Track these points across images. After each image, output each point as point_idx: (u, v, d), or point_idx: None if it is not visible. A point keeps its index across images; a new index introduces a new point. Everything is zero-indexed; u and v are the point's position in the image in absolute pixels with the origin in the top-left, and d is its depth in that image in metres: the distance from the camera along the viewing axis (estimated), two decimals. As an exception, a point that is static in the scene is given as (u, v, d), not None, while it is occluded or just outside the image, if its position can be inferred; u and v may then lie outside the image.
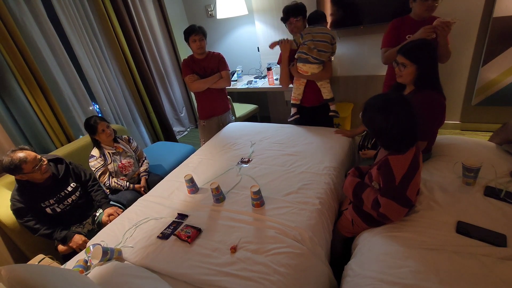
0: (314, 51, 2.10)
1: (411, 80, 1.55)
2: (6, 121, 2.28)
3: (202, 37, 2.44)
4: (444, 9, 2.57)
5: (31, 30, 2.42)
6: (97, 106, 3.06)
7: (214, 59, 2.59)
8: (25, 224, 1.76)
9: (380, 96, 1.26)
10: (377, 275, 1.14)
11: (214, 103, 2.72)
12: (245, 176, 1.90)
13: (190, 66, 2.55)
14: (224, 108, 2.82)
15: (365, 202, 1.34)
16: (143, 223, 1.67)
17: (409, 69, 1.50)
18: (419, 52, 1.48)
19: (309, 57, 2.13)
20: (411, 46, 1.52)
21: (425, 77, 1.50)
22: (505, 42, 2.43)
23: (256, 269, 1.24)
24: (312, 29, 2.13)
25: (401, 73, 1.55)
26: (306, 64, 2.15)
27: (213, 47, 3.95)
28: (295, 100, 2.37)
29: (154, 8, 3.47)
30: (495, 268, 1.06)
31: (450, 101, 2.90)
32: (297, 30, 2.18)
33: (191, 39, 2.43)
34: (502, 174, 1.48)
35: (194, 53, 2.54)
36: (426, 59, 1.48)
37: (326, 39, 2.11)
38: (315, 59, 2.12)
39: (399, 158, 1.22)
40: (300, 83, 2.29)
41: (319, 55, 2.11)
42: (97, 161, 2.13)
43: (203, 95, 2.64)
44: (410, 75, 1.52)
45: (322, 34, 2.11)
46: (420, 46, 1.50)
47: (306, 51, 2.12)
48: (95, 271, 1.32)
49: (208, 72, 2.57)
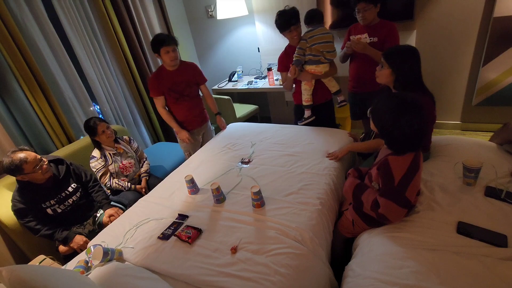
0: (324, 52, 2.15)
1: (386, 82, 1.60)
2: (7, 122, 2.28)
3: (175, 47, 2.20)
4: (445, 9, 2.58)
5: (31, 31, 2.42)
6: (97, 106, 3.06)
7: (188, 71, 2.38)
8: (26, 224, 1.76)
9: (395, 96, 1.25)
10: (378, 276, 1.14)
11: (189, 116, 2.51)
12: (246, 176, 1.90)
13: (160, 83, 2.30)
14: (201, 119, 2.62)
15: (365, 204, 1.34)
16: (144, 223, 1.67)
17: (385, 70, 1.57)
18: (396, 58, 1.53)
19: (321, 58, 2.16)
20: (392, 50, 1.57)
21: (403, 82, 1.54)
22: (506, 42, 2.42)
23: (256, 270, 1.24)
24: (315, 32, 2.14)
25: (378, 74, 1.62)
26: (320, 64, 2.19)
27: (213, 48, 3.95)
28: (308, 101, 2.33)
29: (154, 9, 3.47)
30: (496, 269, 1.06)
31: (450, 102, 2.91)
32: (298, 37, 2.18)
33: (162, 50, 2.16)
34: (502, 174, 1.48)
35: (166, 65, 2.28)
36: (403, 65, 1.52)
37: (330, 39, 2.16)
38: (327, 59, 2.18)
39: (399, 159, 1.22)
40: (311, 85, 2.29)
41: (330, 55, 2.18)
42: (97, 162, 2.14)
43: (176, 109, 2.45)
44: (386, 77, 1.58)
45: (326, 34, 2.14)
46: (399, 52, 1.54)
47: (316, 53, 2.15)
48: (95, 271, 1.32)
49: (181, 86, 2.35)
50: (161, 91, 2.34)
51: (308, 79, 2.24)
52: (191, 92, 2.44)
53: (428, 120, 1.55)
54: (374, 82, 1.69)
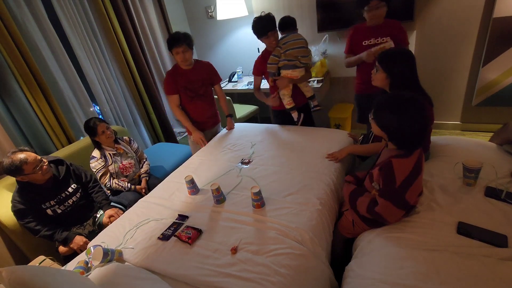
0: (299, 57, 2.19)
1: (381, 85, 1.61)
2: (6, 122, 2.28)
3: (187, 48, 2.18)
4: (445, 9, 2.58)
5: (31, 32, 2.42)
6: (97, 107, 3.07)
7: (204, 70, 2.38)
8: (26, 225, 1.76)
9: (393, 96, 1.25)
10: (378, 276, 1.14)
11: (203, 117, 2.51)
12: (246, 177, 1.90)
13: (175, 81, 2.30)
14: (214, 121, 2.63)
15: (359, 210, 1.38)
16: (144, 224, 1.67)
17: (380, 74, 1.57)
18: (391, 62, 1.54)
19: (296, 62, 2.20)
20: (387, 54, 1.57)
21: (399, 85, 1.54)
22: (506, 42, 2.43)
23: (256, 270, 1.24)
24: (289, 38, 2.18)
25: (374, 77, 1.62)
26: (296, 69, 2.23)
27: (213, 48, 3.95)
28: (290, 104, 2.36)
29: (154, 9, 3.48)
30: (496, 269, 1.06)
31: (450, 102, 2.91)
32: (276, 42, 2.21)
33: (174, 50, 2.17)
34: (502, 174, 1.48)
35: (180, 64, 2.29)
36: (397, 69, 1.52)
37: (304, 44, 2.20)
38: (302, 63, 2.22)
39: (403, 161, 1.22)
40: (289, 90, 2.33)
41: (305, 59, 2.22)
42: (97, 162, 2.13)
43: (190, 109, 2.44)
44: (381, 81, 1.58)
45: (299, 40, 2.18)
46: (394, 56, 1.55)
47: (291, 58, 2.19)
48: (95, 272, 1.32)
49: (197, 85, 2.35)
50: (176, 89, 2.33)
51: (285, 84, 2.27)
52: (206, 91, 2.44)
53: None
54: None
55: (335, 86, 3.38)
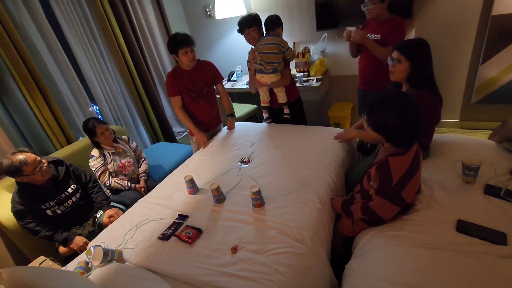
0: (263, 62, 2.21)
1: (403, 77, 1.57)
2: (5, 123, 2.28)
3: (193, 47, 2.19)
4: (443, 7, 2.58)
5: (30, 32, 2.41)
6: (96, 107, 3.06)
7: (206, 69, 2.36)
8: (25, 226, 1.76)
9: (382, 96, 1.26)
10: (378, 275, 1.15)
11: (208, 117, 2.51)
12: (245, 176, 1.90)
13: (177, 82, 2.28)
14: (218, 121, 2.64)
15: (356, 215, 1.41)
16: (144, 224, 1.67)
17: (403, 65, 1.52)
18: (413, 50, 1.51)
19: (262, 68, 2.23)
20: (408, 43, 1.55)
21: (418, 76, 1.52)
22: (504, 40, 2.43)
23: (257, 269, 1.24)
24: (262, 41, 2.20)
25: (394, 70, 1.58)
26: (264, 74, 2.25)
27: (212, 47, 3.95)
28: (265, 102, 2.48)
29: (152, 9, 3.47)
30: (496, 267, 1.06)
31: (449, 99, 2.91)
32: (253, 40, 2.25)
33: (181, 51, 2.14)
34: (502, 172, 1.49)
35: (184, 66, 2.25)
36: (420, 57, 1.50)
37: (273, 50, 2.18)
38: (268, 69, 2.21)
39: (399, 159, 1.22)
40: (265, 90, 2.40)
41: (269, 66, 2.21)
42: (97, 161, 2.13)
43: (195, 110, 2.43)
44: (403, 72, 1.54)
45: (268, 45, 2.18)
46: (415, 44, 1.53)
47: (259, 62, 2.23)
48: (96, 272, 1.33)
49: (199, 85, 2.34)
50: (179, 90, 2.31)
51: (255, 85, 2.34)
52: (209, 91, 2.43)
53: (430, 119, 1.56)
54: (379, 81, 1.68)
55: (334, 84, 3.38)
